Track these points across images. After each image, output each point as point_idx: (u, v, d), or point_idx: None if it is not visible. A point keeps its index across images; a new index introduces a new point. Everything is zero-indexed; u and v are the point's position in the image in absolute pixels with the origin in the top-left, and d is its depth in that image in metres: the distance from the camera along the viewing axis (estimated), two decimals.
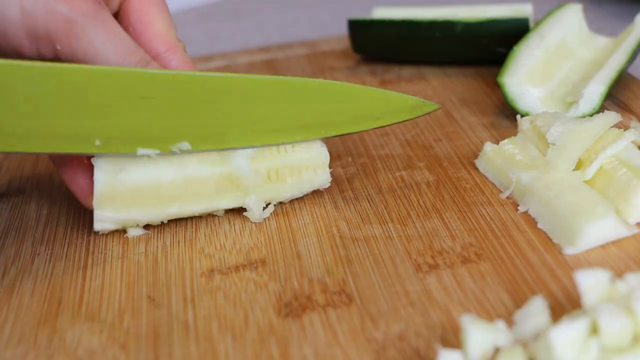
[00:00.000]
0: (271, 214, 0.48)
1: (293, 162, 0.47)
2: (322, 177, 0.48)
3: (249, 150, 0.46)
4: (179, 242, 0.46)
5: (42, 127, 0.41)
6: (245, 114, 0.45)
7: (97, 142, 0.42)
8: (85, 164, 0.45)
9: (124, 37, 0.42)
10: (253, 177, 0.46)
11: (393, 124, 0.49)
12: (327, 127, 0.48)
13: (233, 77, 0.45)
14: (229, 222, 0.48)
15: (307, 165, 0.47)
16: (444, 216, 0.46)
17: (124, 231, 0.47)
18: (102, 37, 0.41)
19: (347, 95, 0.48)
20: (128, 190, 0.44)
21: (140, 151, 0.43)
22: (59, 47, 0.41)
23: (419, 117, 0.50)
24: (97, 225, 0.45)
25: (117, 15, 0.47)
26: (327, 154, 0.48)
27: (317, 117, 0.47)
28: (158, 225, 0.47)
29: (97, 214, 0.45)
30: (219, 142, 0.45)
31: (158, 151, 0.44)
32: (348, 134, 0.49)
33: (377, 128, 0.49)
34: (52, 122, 0.41)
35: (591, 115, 0.52)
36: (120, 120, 0.42)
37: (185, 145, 0.44)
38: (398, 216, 0.47)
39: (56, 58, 0.42)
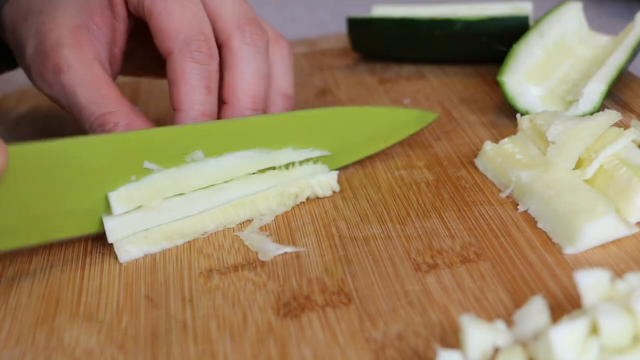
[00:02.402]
0: None
1: (302, 186, 0.48)
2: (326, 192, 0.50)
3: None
4: None
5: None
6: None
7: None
8: None
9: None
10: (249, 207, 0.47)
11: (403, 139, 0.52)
12: (347, 153, 0.50)
13: (235, 122, 0.46)
14: None
15: (314, 187, 0.49)
16: (443, 215, 0.46)
17: None
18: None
19: (352, 117, 0.50)
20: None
21: (147, 164, 0.44)
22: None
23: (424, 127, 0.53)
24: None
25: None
26: (337, 185, 0.50)
27: (334, 145, 0.49)
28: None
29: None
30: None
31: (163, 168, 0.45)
32: (368, 156, 0.51)
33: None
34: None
35: (591, 113, 0.52)
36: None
37: (199, 154, 0.45)
38: (397, 216, 0.47)
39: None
